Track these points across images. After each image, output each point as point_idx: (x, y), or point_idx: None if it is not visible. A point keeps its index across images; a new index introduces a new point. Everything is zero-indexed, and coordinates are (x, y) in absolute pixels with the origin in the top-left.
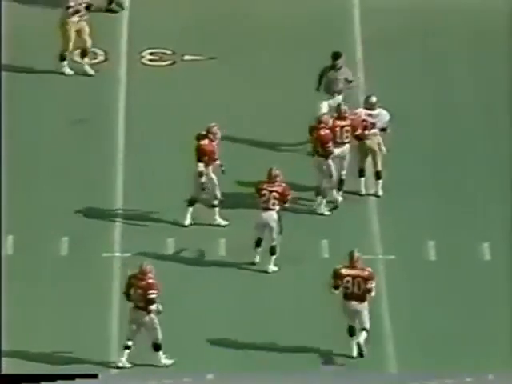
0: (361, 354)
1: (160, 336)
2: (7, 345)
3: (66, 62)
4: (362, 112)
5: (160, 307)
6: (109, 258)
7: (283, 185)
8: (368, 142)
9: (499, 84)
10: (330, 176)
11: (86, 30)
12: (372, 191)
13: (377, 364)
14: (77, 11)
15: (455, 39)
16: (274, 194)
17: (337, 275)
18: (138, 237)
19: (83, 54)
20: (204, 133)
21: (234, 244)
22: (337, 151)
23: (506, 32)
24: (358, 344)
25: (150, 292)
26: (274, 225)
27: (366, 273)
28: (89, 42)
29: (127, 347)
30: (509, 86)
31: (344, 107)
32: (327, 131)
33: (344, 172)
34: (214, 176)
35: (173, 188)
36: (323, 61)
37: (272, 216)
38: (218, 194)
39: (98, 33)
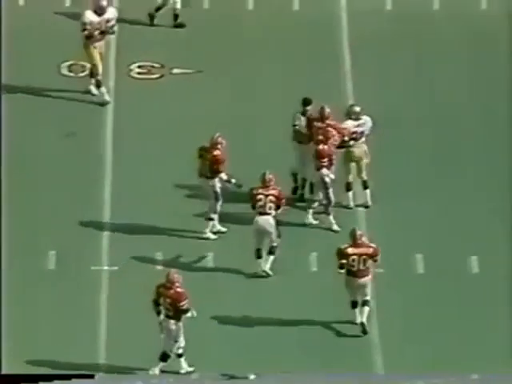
0: (364, 332)
1: (181, 350)
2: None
3: (104, 89)
4: (350, 124)
5: (194, 313)
6: (97, 272)
7: (278, 188)
8: (357, 150)
9: (493, 90)
10: (323, 191)
11: (103, 55)
12: (360, 202)
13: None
14: (90, 35)
15: (447, 42)
16: (271, 197)
17: (342, 255)
18: (126, 250)
19: (92, 75)
20: (208, 145)
21: (222, 257)
22: None
23: (500, 34)
24: (362, 324)
25: (182, 303)
26: (272, 230)
27: (372, 250)
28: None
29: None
30: (502, 92)
31: (327, 110)
32: (325, 147)
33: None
34: (218, 190)
35: (161, 200)
36: (312, 71)
37: (268, 221)
38: (219, 207)
39: None
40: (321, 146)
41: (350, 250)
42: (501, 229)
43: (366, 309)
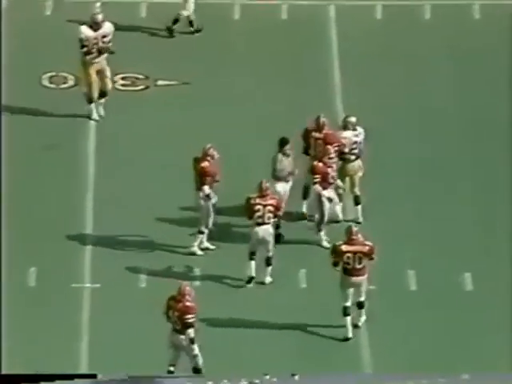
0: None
1: (200, 362)
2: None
3: (93, 105)
4: (349, 134)
5: (191, 334)
6: (78, 289)
7: (276, 197)
8: (355, 164)
9: (484, 100)
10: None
11: (106, 72)
12: (351, 217)
13: None
14: (89, 52)
15: (438, 52)
16: (269, 207)
17: (337, 252)
18: (109, 266)
19: (102, 95)
20: (201, 156)
21: (209, 272)
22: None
23: (492, 44)
24: (356, 325)
25: (187, 317)
26: (270, 239)
27: (367, 248)
28: (109, 85)
29: (170, 372)
30: (494, 102)
31: (323, 119)
32: (320, 164)
33: None
34: (210, 203)
35: (146, 214)
36: (300, 81)
37: (268, 230)
38: (211, 222)
39: (68, 57)
40: (315, 162)
41: (344, 248)
42: (495, 245)
43: (363, 312)
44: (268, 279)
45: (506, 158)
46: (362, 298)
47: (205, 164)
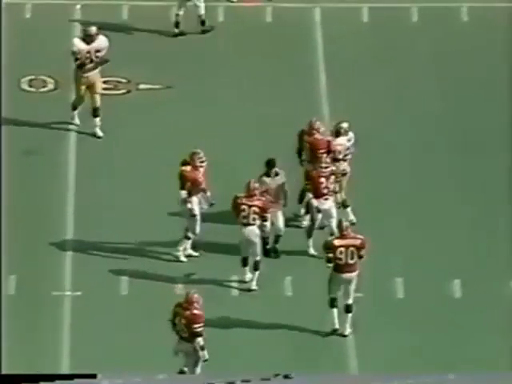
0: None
1: (199, 370)
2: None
3: (76, 112)
4: (343, 140)
5: (206, 354)
6: (59, 297)
7: (262, 199)
8: (341, 167)
9: (472, 104)
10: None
11: (97, 87)
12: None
13: None
14: (82, 65)
15: (425, 56)
16: (254, 208)
17: (329, 247)
18: (90, 273)
19: (94, 113)
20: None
21: (192, 280)
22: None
23: (481, 47)
24: (343, 334)
25: (196, 326)
26: (257, 240)
27: (359, 241)
28: (98, 102)
29: (182, 372)
30: (482, 108)
31: (314, 123)
32: (314, 172)
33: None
34: (196, 208)
35: (127, 220)
36: (285, 84)
37: (254, 231)
38: (198, 228)
39: (47, 61)
40: (309, 170)
41: (337, 242)
42: (485, 252)
43: (349, 318)
44: (254, 285)
45: (499, 163)
46: (350, 301)
47: (185, 168)
